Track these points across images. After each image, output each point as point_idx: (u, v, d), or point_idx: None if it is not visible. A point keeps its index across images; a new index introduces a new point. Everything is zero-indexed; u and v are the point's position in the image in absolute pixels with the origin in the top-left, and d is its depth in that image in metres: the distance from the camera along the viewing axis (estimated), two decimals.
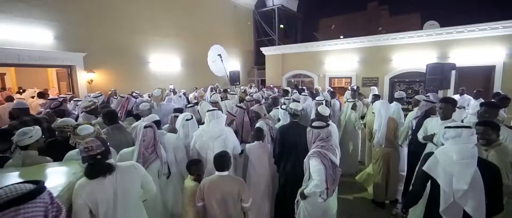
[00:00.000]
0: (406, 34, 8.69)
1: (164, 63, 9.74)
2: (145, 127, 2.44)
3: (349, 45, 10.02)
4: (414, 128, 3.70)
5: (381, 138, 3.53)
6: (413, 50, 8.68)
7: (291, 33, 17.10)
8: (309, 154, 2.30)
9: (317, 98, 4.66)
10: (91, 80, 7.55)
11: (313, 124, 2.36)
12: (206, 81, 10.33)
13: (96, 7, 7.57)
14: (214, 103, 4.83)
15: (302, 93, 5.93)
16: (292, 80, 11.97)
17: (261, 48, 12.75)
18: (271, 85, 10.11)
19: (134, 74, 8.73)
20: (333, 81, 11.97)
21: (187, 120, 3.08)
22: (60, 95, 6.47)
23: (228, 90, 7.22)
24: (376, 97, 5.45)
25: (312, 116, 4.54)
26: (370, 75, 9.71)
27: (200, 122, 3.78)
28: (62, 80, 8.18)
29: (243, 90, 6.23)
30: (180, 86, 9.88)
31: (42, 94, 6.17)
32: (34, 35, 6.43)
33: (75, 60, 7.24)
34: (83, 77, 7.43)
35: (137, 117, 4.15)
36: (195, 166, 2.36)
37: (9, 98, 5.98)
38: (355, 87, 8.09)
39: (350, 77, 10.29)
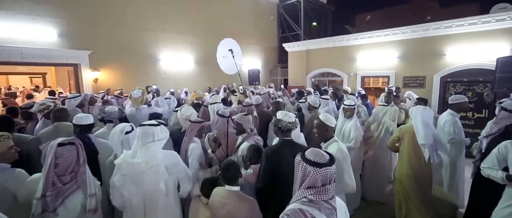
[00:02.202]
0: (465, 20, 6.73)
1: (176, 61, 9.19)
2: (60, 144, 1.58)
3: (387, 38, 8.29)
4: (483, 150, 2.49)
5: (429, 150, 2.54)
6: (474, 41, 6.70)
7: (320, 28, 15.49)
8: (284, 211, 1.22)
9: (345, 103, 3.40)
10: (96, 79, 7.24)
11: (308, 155, 1.25)
12: (222, 81, 9.52)
13: (102, 3, 7.25)
14: (198, 107, 3.91)
15: (322, 96, 4.70)
16: (313, 79, 10.55)
17: (283, 44, 11.55)
18: (281, 87, 8.84)
19: (142, 73, 8.30)
20: (367, 81, 10.25)
21: (126, 133, 2.17)
22: (61, 95, 6.33)
23: (236, 91, 6.26)
24: (421, 102, 3.97)
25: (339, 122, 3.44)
26: (414, 73, 7.87)
27: (181, 130, 2.93)
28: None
29: (242, 91, 5.18)
30: (193, 85, 9.25)
31: (52, 93, 6.17)
32: (38, 33, 6.26)
33: (80, 58, 6.98)
34: (88, 76, 7.15)
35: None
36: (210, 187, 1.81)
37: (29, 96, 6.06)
38: (393, 88, 6.53)
39: (388, 77, 8.54)
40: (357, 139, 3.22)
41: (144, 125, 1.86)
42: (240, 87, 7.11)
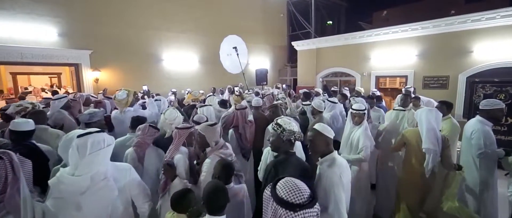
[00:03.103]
0: (497, 12, 5.93)
1: (179, 61, 8.94)
2: None
3: (405, 34, 7.57)
4: None
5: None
6: (507, 37, 5.88)
7: (333, 26, 14.77)
8: None
9: (353, 107, 2.91)
10: (97, 79, 7.11)
11: (280, 190, 0.93)
12: (228, 81, 9.19)
13: (103, 1, 7.11)
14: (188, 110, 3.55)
15: (328, 99, 4.20)
16: (321, 79, 9.93)
17: (292, 43, 11.01)
18: (283, 85, 8.30)
19: (144, 73, 8.11)
20: (382, 82, 9.51)
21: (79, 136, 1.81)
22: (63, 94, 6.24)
23: (236, 91, 5.86)
24: (444, 107, 3.38)
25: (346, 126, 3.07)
26: (436, 73, 7.10)
27: (164, 136, 2.62)
28: None
29: (237, 93, 4.76)
30: (197, 86, 8.95)
31: (56, 93, 6.17)
32: (38, 32, 6.18)
33: (81, 58, 6.87)
34: (88, 76, 7.03)
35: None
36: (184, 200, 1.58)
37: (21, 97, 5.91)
38: (411, 89, 5.88)
39: (406, 76, 7.81)
40: (367, 149, 2.72)
41: (81, 135, 1.48)
42: (236, 88, 6.68)
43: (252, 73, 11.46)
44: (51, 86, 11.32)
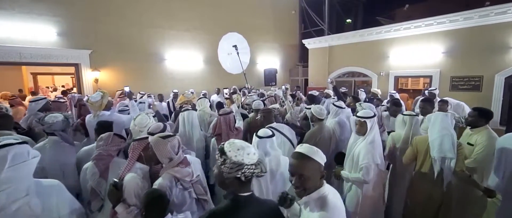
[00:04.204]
0: None
1: (183, 60, 8.61)
2: None
3: (430, 28, 6.69)
4: None
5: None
6: None
7: (344, 21, 13.83)
8: None
9: (359, 114, 2.35)
10: (97, 80, 6.94)
11: None
12: (234, 82, 8.73)
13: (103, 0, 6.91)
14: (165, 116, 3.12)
15: (334, 103, 3.61)
16: (329, 80, 9.17)
17: (303, 41, 10.35)
18: (283, 86, 7.58)
19: (146, 73, 7.86)
20: (404, 83, 8.62)
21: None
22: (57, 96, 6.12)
23: (225, 93, 5.40)
24: (478, 116, 2.66)
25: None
26: (467, 72, 6.17)
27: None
28: None
29: (232, 91, 4.24)
30: (201, 86, 8.60)
31: (65, 92, 6.56)
32: (37, 32, 6.07)
33: (80, 58, 6.72)
34: (88, 76, 6.87)
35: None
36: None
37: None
38: (436, 92, 5.10)
39: (430, 77, 6.91)
40: (370, 169, 2.12)
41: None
42: (225, 90, 6.15)
43: (261, 73, 10.93)
44: (62, 86, 11.50)
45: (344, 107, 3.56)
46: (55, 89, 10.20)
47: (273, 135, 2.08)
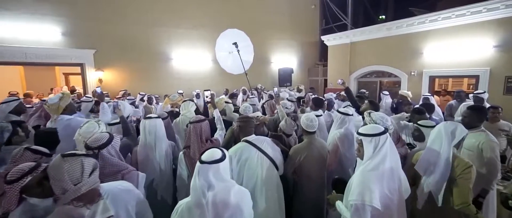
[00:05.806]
0: None
1: (191, 60, 8.23)
2: None
3: (477, 17, 5.41)
4: None
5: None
6: None
7: (376, 16, 12.37)
8: None
9: (360, 130, 1.70)
10: (101, 80, 6.82)
11: None
12: (244, 82, 8.10)
13: None
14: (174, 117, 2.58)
15: (339, 110, 2.85)
16: (339, 81, 8.09)
17: (322, 37, 9.38)
18: (274, 88, 6.66)
19: (152, 73, 7.61)
20: (442, 84, 7.29)
21: None
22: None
23: (207, 96, 4.80)
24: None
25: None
26: None
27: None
28: None
29: (209, 98, 3.60)
30: (209, 86, 8.10)
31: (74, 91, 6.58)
32: (41, 32, 6.09)
33: (84, 57, 6.64)
34: (92, 76, 6.78)
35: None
36: None
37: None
38: (485, 97, 4.01)
39: (476, 76, 5.61)
40: (360, 209, 1.40)
41: None
42: (206, 92, 5.50)
43: (275, 73, 10.18)
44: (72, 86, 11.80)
45: (352, 115, 2.75)
46: (73, 90, 10.50)
47: (222, 159, 1.40)
